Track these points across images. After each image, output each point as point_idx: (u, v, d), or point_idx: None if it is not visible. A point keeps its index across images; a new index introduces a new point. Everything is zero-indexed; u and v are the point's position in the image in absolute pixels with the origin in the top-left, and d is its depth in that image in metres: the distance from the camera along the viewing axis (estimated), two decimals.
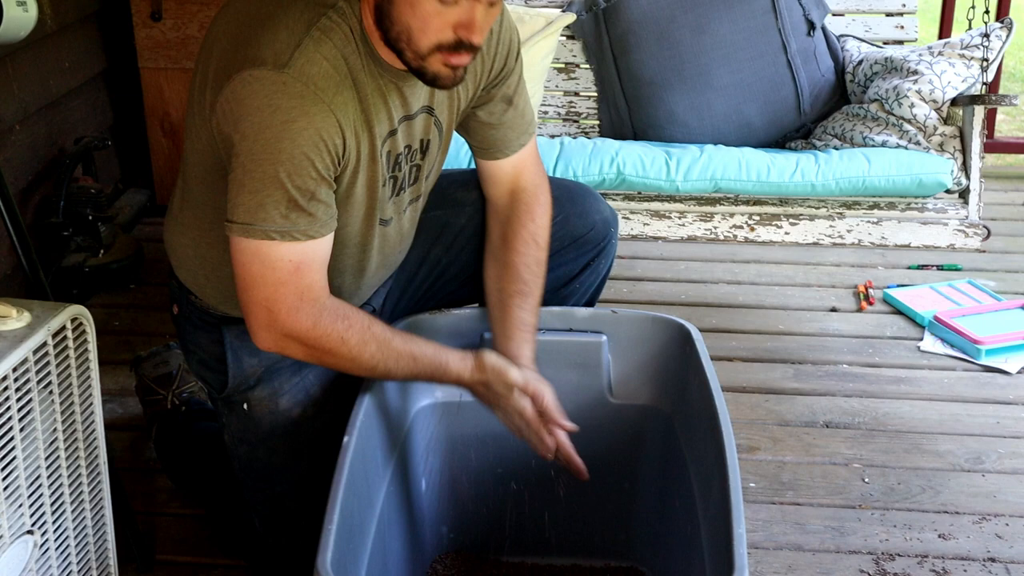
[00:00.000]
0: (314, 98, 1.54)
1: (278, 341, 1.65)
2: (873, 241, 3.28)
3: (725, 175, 3.18)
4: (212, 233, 1.75)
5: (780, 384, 2.71)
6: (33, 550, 1.58)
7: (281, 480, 1.88)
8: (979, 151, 3.22)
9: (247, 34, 1.57)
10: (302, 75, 1.53)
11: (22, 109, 2.96)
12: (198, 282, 1.84)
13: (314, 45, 1.55)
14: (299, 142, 1.54)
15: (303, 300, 1.62)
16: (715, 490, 1.61)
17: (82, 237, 3.09)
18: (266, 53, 1.53)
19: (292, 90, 1.52)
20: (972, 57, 3.18)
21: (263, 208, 1.56)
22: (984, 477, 2.36)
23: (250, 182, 1.55)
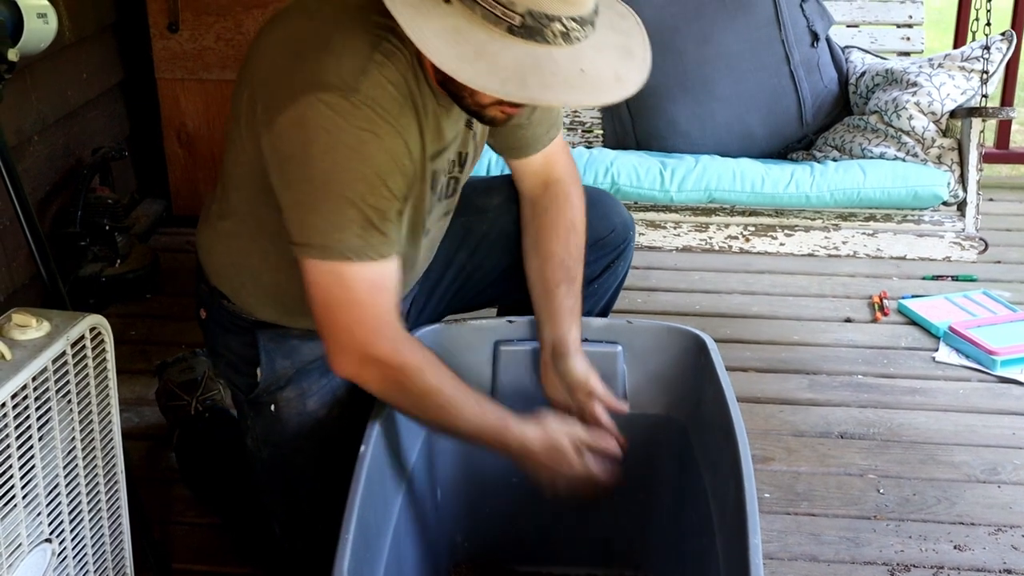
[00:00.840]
0: (383, 121, 1.55)
1: (357, 366, 1.64)
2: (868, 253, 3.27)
3: (719, 186, 3.18)
4: (253, 243, 1.77)
5: (795, 395, 2.71)
6: (51, 558, 1.59)
7: (303, 482, 1.89)
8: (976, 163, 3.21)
9: (307, 56, 1.57)
10: (370, 99, 1.54)
11: (40, 120, 2.98)
12: (234, 288, 1.85)
13: (378, 69, 1.55)
14: (372, 163, 1.55)
15: (382, 322, 1.63)
16: (730, 500, 1.61)
17: (99, 247, 3.11)
18: (332, 77, 1.53)
19: (362, 113, 1.54)
20: (972, 69, 3.18)
21: (339, 229, 1.56)
22: (1000, 488, 2.36)
23: (323, 204, 1.56)
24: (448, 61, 1.45)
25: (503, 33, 1.45)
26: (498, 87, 1.46)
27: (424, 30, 1.46)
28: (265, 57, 1.65)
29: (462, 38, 1.46)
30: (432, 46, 1.46)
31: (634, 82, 1.55)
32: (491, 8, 1.45)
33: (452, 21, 1.46)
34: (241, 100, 1.69)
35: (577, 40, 1.48)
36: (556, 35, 1.46)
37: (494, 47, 1.46)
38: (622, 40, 1.57)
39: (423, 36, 1.46)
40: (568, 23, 1.46)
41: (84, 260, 3.10)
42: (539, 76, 1.46)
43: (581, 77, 1.48)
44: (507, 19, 1.45)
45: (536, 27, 1.45)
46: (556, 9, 1.45)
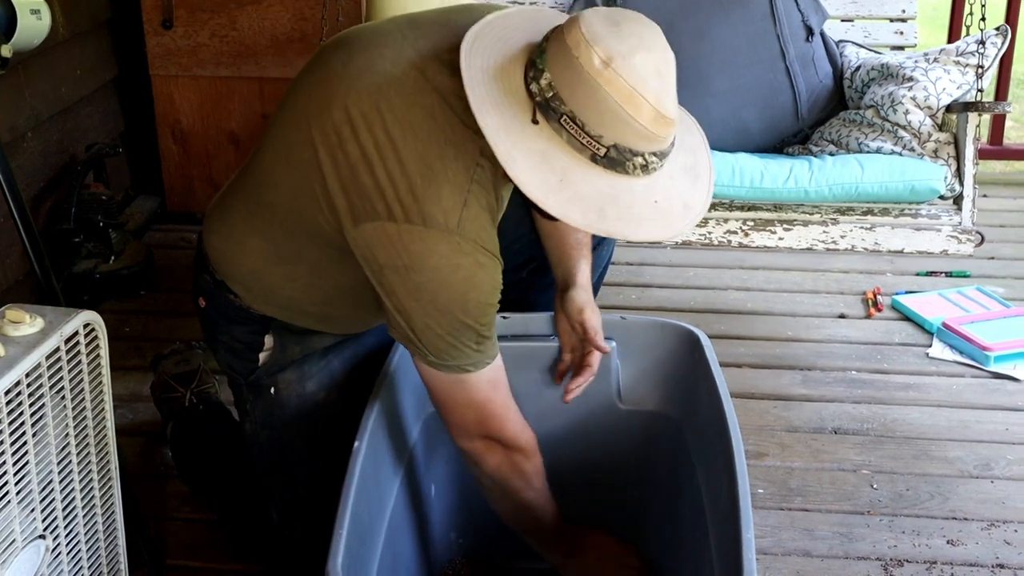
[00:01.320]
0: (485, 252, 1.59)
1: (484, 445, 1.72)
2: (866, 247, 3.27)
3: (718, 181, 3.17)
4: (282, 266, 1.78)
5: (789, 390, 2.71)
6: (45, 554, 1.59)
7: (302, 465, 1.90)
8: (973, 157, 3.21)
9: (408, 176, 1.54)
10: (472, 235, 1.56)
11: (34, 116, 2.98)
12: (248, 294, 1.84)
13: (476, 201, 1.57)
14: (483, 291, 1.60)
15: (508, 411, 1.71)
16: (724, 495, 1.61)
17: (93, 243, 3.11)
18: (435, 212, 1.54)
19: (466, 249, 1.56)
20: (967, 64, 3.18)
21: (456, 348, 1.61)
22: (993, 483, 2.36)
23: (437, 327, 1.59)
24: (535, 190, 1.49)
25: (586, 160, 1.49)
26: (579, 219, 1.51)
27: (514, 155, 1.49)
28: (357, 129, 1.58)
29: (548, 164, 1.49)
30: (521, 172, 1.48)
31: (700, 209, 1.60)
32: (578, 136, 1.48)
33: (540, 145, 1.49)
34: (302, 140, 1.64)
35: (654, 170, 1.52)
36: (636, 167, 1.50)
37: (576, 175, 1.49)
38: (690, 161, 1.61)
39: (513, 162, 1.48)
40: (648, 157, 1.50)
41: (78, 256, 3.10)
42: (617, 209, 1.50)
43: (654, 209, 1.53)
44: (592, 148, 1.48)
45: (619, 159, 1.49)
46: (641, 146, 1.48)
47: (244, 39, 3.42)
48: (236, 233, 1.81)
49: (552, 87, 1.47)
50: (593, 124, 1.46)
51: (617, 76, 1.43)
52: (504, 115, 1.50)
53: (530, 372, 1.94)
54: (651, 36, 1.49)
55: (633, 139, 1.47)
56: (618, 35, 1.46)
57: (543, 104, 1.48)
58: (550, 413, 1.94)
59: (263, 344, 1.86)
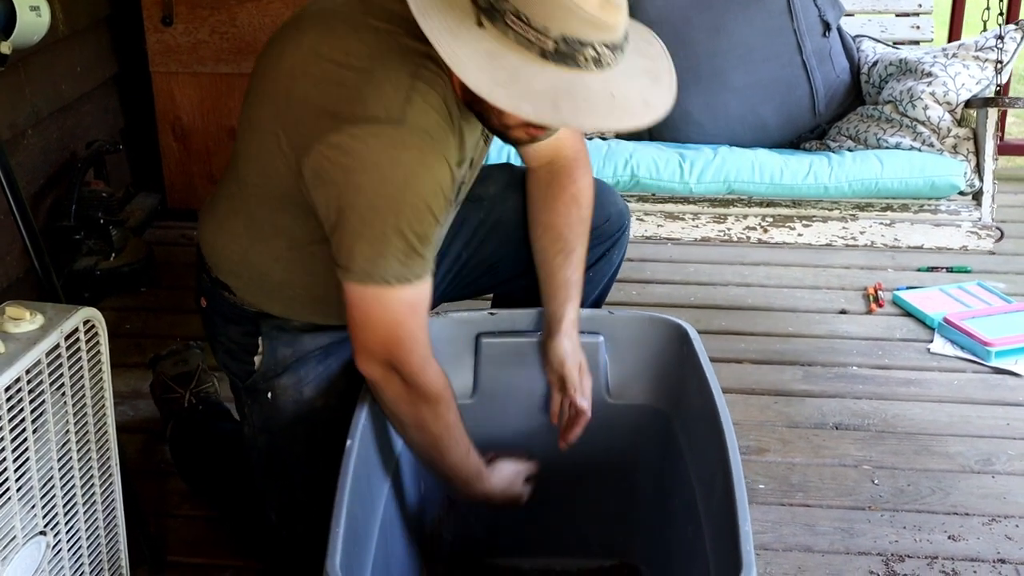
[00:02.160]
0: (431, 149, 1.57)
1: (382, 371, 1.67)
2: (886, 243, 3.27)
3: (738, 177, 3.17)
4: (265, 244, 1.78)
5: (790, 386, 2.71)
6: (46, 551, 1.59)
7: (300, 469, 1.90)
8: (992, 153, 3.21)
9: (348, 86, 1.56)
10: (417, 128, 1.55)
11: (34, 113, 2.98)
12: (240, 283, 1.85)
13: (422, 97, 1.56)
14: (421, 192, 1.57)
15: (417, 341, 1.67)
16: (718, 488, 1.61)
17: (93, 240, 3.11)
18: (377, 109, 1.54)
19: (411, 143, 1.55)
20: (986, 59, 3.18)
21: (383, 257, 1.58)
22: (994, 479, 2.36)
23: (370, 232, 1.58)
24: (484, 85, 1.47)
25: (536, 57, 1.47)
26: (531, 111, 1.48)
27: (459, 54, 1.47)
28: (293, 78, 1.63)
29: (496, 63, 1.48)
30: (468, 70, 1.47)
31: (662, 107, 1.57)
32: (524, 33, 1.46)
33: (486, 45, 1.48)
34: (263, 107, 1.68)
35: (608, 66, 1.50)
36: (588, 60, 1.48)
37: (527, 71, 1.47)
38: (649, 65, 1.59)
39: (459, 60, 1.47)
40: (600, 49, 1.48)
41: (79, 254, 3.10)
42: (571, 101, 1.48)
43: (611, 102, 1.51)
44: (540, 44, 1.46)
45: (569, 52, 1.47)
46: (589, 35, 1.47)
47: (244, 36, 3.42)
48: (222, 220, 1.84)
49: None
50: (538, 17, 1.45)
51: None
52: (448, 19, 1.49)
53: (520, 367, 1.93)
54: None
55: (580, 28, 1.46)
56: None
57: (487, 8, 1.48)
58: (538, 408, 1.93)
59: (258, 346, 1.86)
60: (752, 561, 1.39)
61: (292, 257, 1.76)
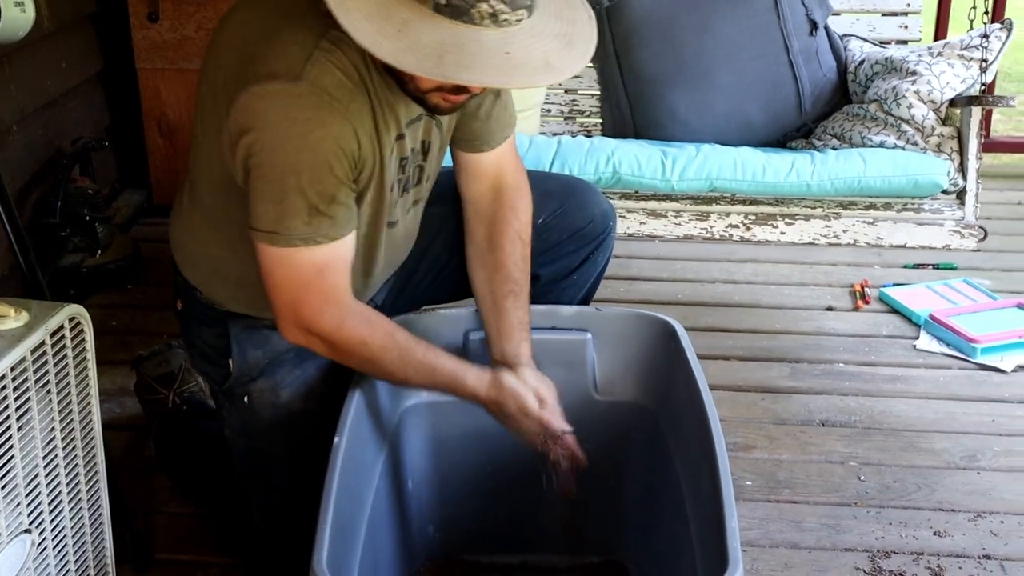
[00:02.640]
0: (330, 107, 1.55)
1: (304, 337, 1.69)
2: (869, 241, 3.29)
3: (721, 175, 3.18)
4: (219, 234, 1.78)
5: (776, 383, 2.72)
6: (31, 549, 1.59)
7: (280, 473, 1.89)
8: (976, 152, 3.22)
9: (255, 48, 1.57)
10: (316, 86, 1.54)
11: (19, 110, 2.96)
12: (205, 280, 1.85)
13: (325, 56, 1.55)
14: (318, 151, 1.56)
15: (327, 302, 1.66)
16: (704, 485, 1.61)
17: (79, 237, 3.10)
18: (278, 66, 1.54)
19: (308, 101, 1.54)
20: (971, 58, 3.19)
21: (286, 217, 1.58)
22: (979, 475, 2.37)
23: (271, 192, 1.57)
24: (366, 37, 1.44)
25: (430, 12, 1.44)
26: (414, 64, 1.44)
27: (347, 4, 1.45)
28: (220, 51, 1.65)
29: (386, 14, 1.45)
30: (354, 20, 1.44)
31: (565, 70, 1.52)
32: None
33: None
34: (202, 93, 1.70)
35: (507, 23, 1.46)
36: (484, 16, 1.44)
37: (419, 25, 1.44)
38: (565, 29, 1.54)
39: (346, 10, 1.45)
40: (496, 4, 1.44)
41: (64, 250, 3.09)
42: (457, 55, 1.44)
43: (505, 59, 1.46)
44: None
45: (462, 6, 1.43)
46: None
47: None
48: (183, 215, 1.85)
49: None
50: None
51: None
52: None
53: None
54: None
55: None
56: None
57: None
58: None
59: (231, 350, 1.85)
60: (739, 558, 1.39)
61: (244, 243, 1.71)
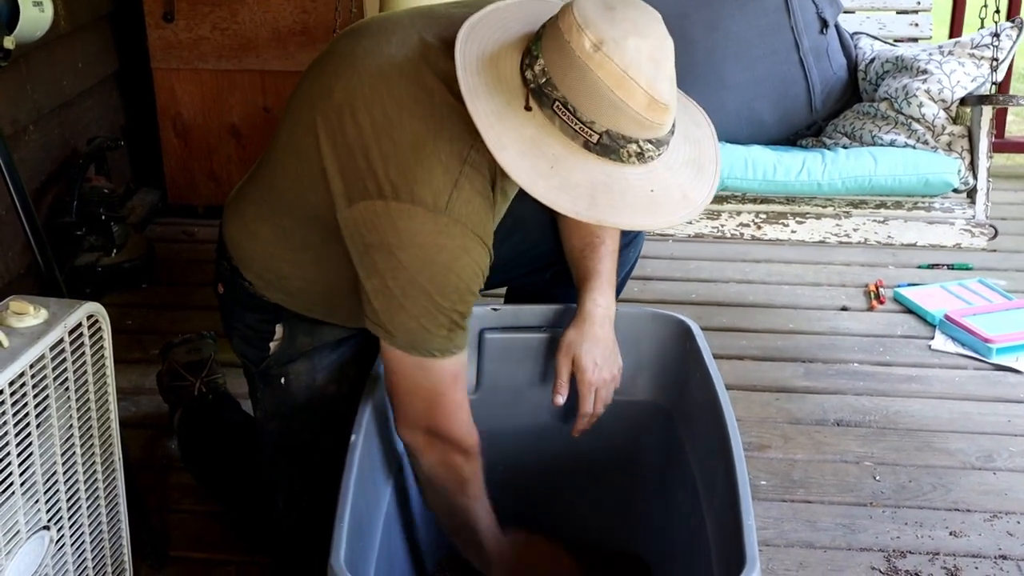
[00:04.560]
0: (473, 237, 1.56)
1: (424, 438, 1.69)
2: (879, 240, 3.27)
3: (732, 174, 3.16)
4: (291, 254, 1.77)
5: (791, 383, 2.71)
6: (49, 545, 1.59)
7: (309, 455, 1.90)
8: (987, 151, 3.20)
9: (398, 152, 1.54)
10: (461, 217, 1.54)
11: (35, 110, 2.98)
12: (261, 283, 1.84)
13: (469, 184, 1.54)
14: (464, 276, 1.57)
15: (460, 407, 1.68)
16: (720, 483, 1.61)
17: (95, 237, 3.11)
18: (424, 192, 1.52)
19: (453, 231, 1.54)
20: (982, 57, 3.17)
21: (427, 331, 1.59)
22: (995, 475, 2.36)
23: (412, 307, 1.57)
24: (524, 175, 1.47)
25: (579, 148, 1.47)
26: (568, 205, 1.48)
27: (503, 139, 1.47)
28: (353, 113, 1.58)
29: (538, 151, 1.47)
30: (509, 157, 1.47)
31: (700, 201, 1.57)
32: (570, 123, 1.46)
33: (530, 132, 1.48)
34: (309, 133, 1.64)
35: (651, 159, 1.50)
36: (631, 155, 1.48)
37: (569, 162, 1.47)
38: (694, 153, 1.59)
39: (502, 147, 1.47)
40: (644, 145, 1.48)
41: (80, 250, 3.10)
42: (609, 196, 1.48)
43: (650, 199, 1.51)
44: (585, 135, 1.46)
45: (612, 146, 1.47)
46: (635, 133, 1.47)
47: (245, 32, 3.42)
48: (249, 221, 1.82)
49: (545, 73, 1.46)
50: (585, 110, 1.45)
51: (608, 60, 1.42)
52: (496, 100, 1.48)
53: (523, 364, 1.93)
54: (646, 21, 1.48)
55: (626, 125, 1.46)
56: (611, 20, 1.45)
57: (536, 90, 1.47)
58: (541, 404, 1.92)
59: (274, 333, 1.86)
60: (756, 556, 1.39)
61: (316, 273, 1.76)
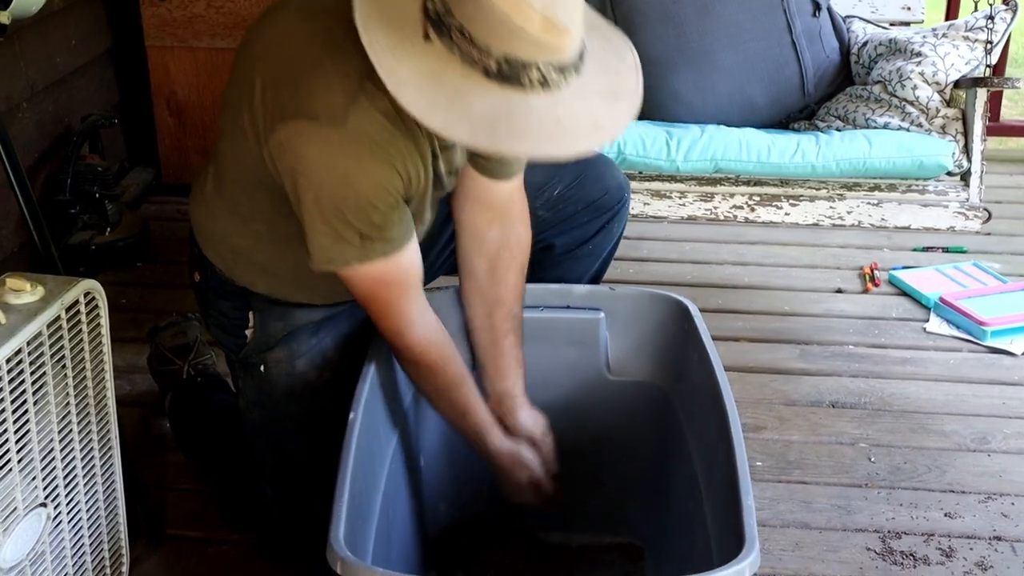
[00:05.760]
0: (371, 154, 1.54)
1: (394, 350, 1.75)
2: (873, 223, 3.28)
3: (726, 155, 3.17)
4: (245, 227, 1.78)
5: (786, 364, 2.71)
6: (46, 522, 1.59)
7: (294, 443, 1.90)
8: (981, 134, 3.21)
9: (298, 75, 1.55)
10: (358, 133, 1.52)
11: (29, 87, 2.96)
12: (227, 264, 1.85)
13: (369, 99, 1.52)
14: (362, 192, 1.56)
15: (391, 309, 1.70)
16: (719, 463, 1.61)
17: (89, 215, 3.10)
18: (319, 106, 1.52)
19: (348, 149, 1.53)
20: (976, 39, 3.18)
21: (338, 245, 1.60)
22: (990, 457, 2.37)
23: (323, 226, 1.59)
24: (419, 108, 1.43)
25: (480, 76, 1.42)
26: (467, 136, 1.44)
27: (399, 74, 1.43)
28: (263, 67, 1.62)
29: (437, 81, 1.43)
30: (405, 91, 1.43)
31: (612, 129, 1.53)
32: (467, 51, 1.42)
33: (429, 63, 1.43)
34: (234, 87, 1.68)
35: (557, 87, 1.44)
36: (534, 82, 1.43)
37: (470, 93, 1.43)
38: (611, 83, 1.53)
39: (397, 81, 1.43)
40: (546, 69, 1.42)
41: (74, 228, 3.08)
42: (509, 125, 1.43)
43: (555, 127, 1.45)
44: (483, 63, 1.41)
45: (513, 73, 1.42)
46: (533, 55, 1.41)
47: (240, 10, 3.40)
48: (207, 200, 1.84)
49: (445, 2, 1.43)
50: (480, 35, 1.40)
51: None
52: (392, 34, 1.44)
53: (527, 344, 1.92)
54: None
55: (522, 48, 1.40)
56: None
57: (436, 20, 1.43)
58: (538, 385, 1.92)
59: (248, 321, 1.86)
60: (755, 536, 1.39)
61: (273, 239, 1.76)
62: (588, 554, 2.02)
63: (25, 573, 1.56)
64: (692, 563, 1.64)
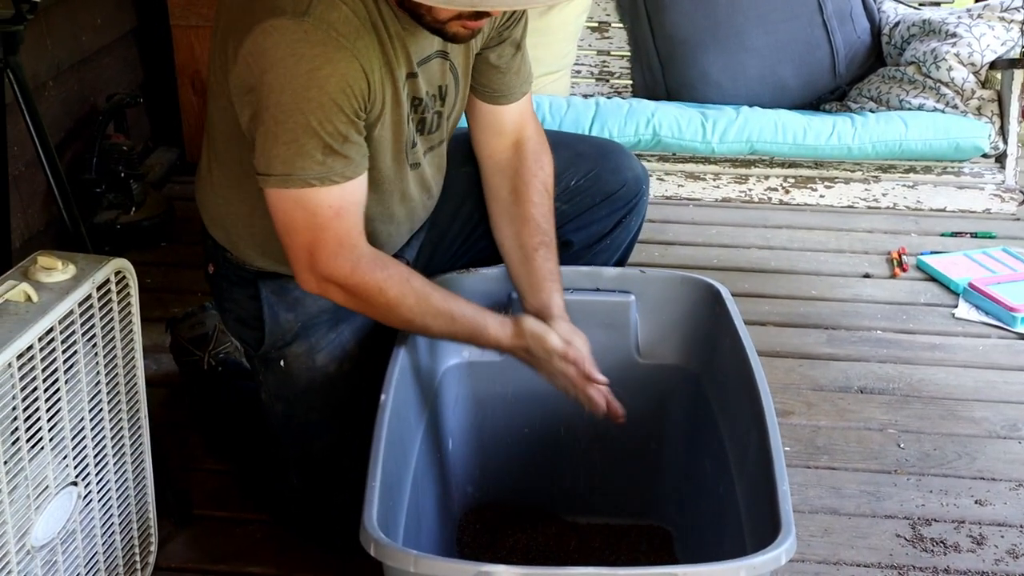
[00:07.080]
0: (336, 44, 1.54)
1: (320, 284, 1.67)
2: (908, 205, 3.25)
3: (761, 137, 3.14)
4: (241, 189, 1.77)
5: (814, 349, 2.70)
6: (77, 501, 1.59)
7: (318, 435, 1.89)
8: (1017, 115, 3.17)
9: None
10: (322, 22, 1.52)
11: (55, 66, 2.96)
12: (231, 239, 1.85)
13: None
14: (326, 89, 1.54)
15: (343, 245, 1.64)
16: (752, 448, 1.60)
17: (114, 194, 3.09)
18: (284, 2, 1.52)
19: (314, 38, 1.52)
20: (1012, 20, 3.14)
21: (299, 157, 1.57)
22: (1020, 444, 2.35)
23: (283, 133, 1.56)
24: None
25: None
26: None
27: None
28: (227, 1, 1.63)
29: None
30: None
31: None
32: None
33: None
34: (214, 46, 1.68)
35: None
36: None
37: None
38: None
39: None
40: None
41: (99, 207, 3.08)
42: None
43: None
44: None
45: None
46: None
47: None
48: (206, 176, 1.84)
49: None
50: None
51: None
52: None
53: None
54: None
55: None
56: None
57: None
58: None
59: (263, 311, 1.85)
60: (791, 522, 1.38)
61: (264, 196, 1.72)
62: (615, 537, 2.01)
63: (56, 551, 1.56)
64: (723, 548, 1.64)
